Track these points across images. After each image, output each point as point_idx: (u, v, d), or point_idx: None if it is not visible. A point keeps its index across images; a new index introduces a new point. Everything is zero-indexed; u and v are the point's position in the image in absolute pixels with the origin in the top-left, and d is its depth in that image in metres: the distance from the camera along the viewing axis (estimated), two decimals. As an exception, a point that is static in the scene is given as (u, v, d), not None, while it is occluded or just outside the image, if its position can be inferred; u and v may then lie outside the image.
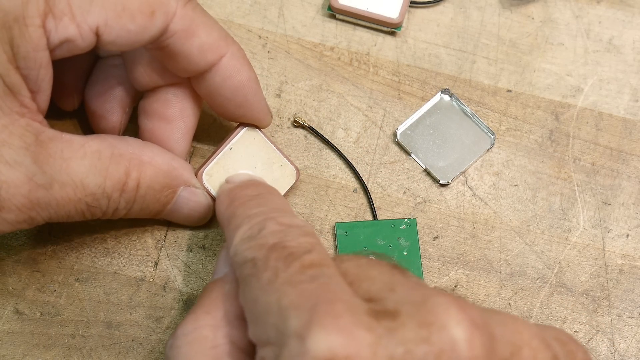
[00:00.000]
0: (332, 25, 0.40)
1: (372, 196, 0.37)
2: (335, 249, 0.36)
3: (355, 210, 0.37)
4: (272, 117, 0.35)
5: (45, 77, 0.29)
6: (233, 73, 0.32)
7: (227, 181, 0.34)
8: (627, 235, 0.37)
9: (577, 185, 0.37)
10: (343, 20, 0.40)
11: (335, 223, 0.36)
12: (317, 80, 0.39)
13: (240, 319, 0.27)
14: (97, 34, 0.29)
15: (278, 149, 0.35)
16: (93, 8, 0.28)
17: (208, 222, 0.36)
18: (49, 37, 0.28)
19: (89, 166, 0.30)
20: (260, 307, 0.24)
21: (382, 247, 0.35)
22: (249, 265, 0.26)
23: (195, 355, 0.26)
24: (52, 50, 0.28)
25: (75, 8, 0.28)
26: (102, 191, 0.30)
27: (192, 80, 0.34)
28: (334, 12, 0.40)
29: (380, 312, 0.23)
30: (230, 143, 0.35)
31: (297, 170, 0.35)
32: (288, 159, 0.35)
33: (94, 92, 0.35)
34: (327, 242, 0.36)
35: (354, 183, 0.37)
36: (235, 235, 0.28)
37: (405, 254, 0.35)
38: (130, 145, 0.32)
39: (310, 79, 0.39)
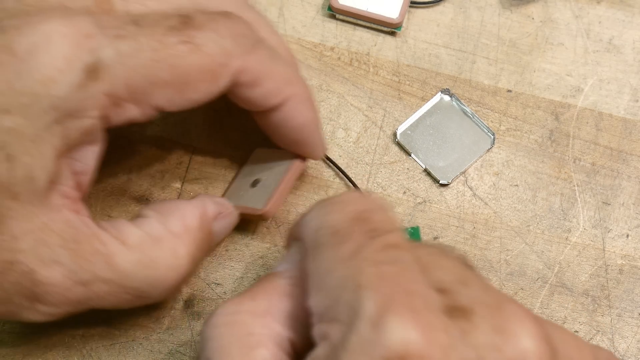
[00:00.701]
0: (332, 25, 0.40)
1: (372, 196, 0.37)
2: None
3: (355, 210, 0.37)
4: (325, 151, 0.35)
5: (95, 156, 0.28)
6: (295, 115, 0.32)
7: None
8: (627, 235, 0.37)
9: (577, 185, 0.37)
10: (343, 20, 0.40)
11: None
12: (317, 80, 0.39)
13: (285, 314, 0.26)
14: (160, 109, 0.28)
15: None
16: (155, 89, 0.27)
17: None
18: (109, 121, 0.27)
19: (135, 262, 0.29)
20: (334, 280, 0.23)
21: None
22: (328, 232, 0.25)
23: (229, 338, 0.25)
24: (107, 129, 0.28)
25: (137, 94, 0.27)
26: (151, 282, 0.29)
27: (252, 112, 0.33)
28: (334, 12, 0.40)
29: (455, 309, 0.23)
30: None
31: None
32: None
33: None
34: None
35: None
36: (314, 208, 0.27)
37: None
38: (168, 220, 0.31)
39: (310, 79, 0.39)
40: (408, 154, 0.38)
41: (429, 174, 0.37)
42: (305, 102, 0.32)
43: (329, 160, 0.37)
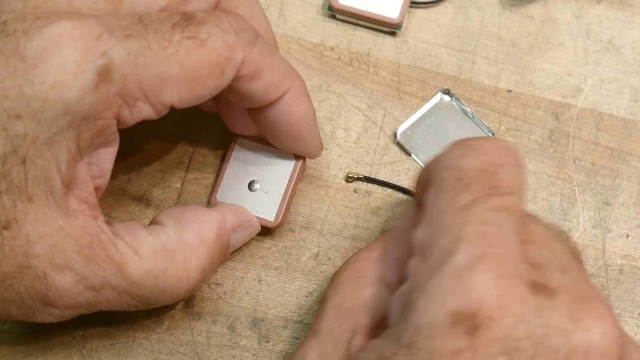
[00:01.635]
0: (332, 26, 0.40)
1: (373, 196, 0.37)
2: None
3: (355, 210, 0.37)
4: (322, 149, 0.35)
5: (111, 159, 0.29)
6: (293, 108, 0.32)
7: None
8: (627, 236, 0.37)
9: (577, 186, 0.37)
10: (343, 21, 0.40)
11: None
12: (317, 80, 0.39)
13: (396, 259, 0.29)
14: (171, 106, 0.29)
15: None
16: (165, 87, 0.28)
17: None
18: (123, 122, 0.28)
19: (146, 272, 0.29)
20: (443, 223, 0.25)
21: None
22: (454, 174, 0.26)
23: (346, 278, 0.29)
24: (120, 128, 0.28)
25: (148, 92, 0.27)
26: (160, 291, 0.30)
27: (249, 110, 0.33)
28: (334, 12, 0.40)
29: (541, 286, 0.23)
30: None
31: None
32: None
33: None
34: (327, 242, 0.36)
35: (355, 184, 0.37)
36: (449, 150, 0.28)
37: None
38: (185, 230, 0.31)
39: (310, 79, 0.39)
40: (408, 154, 0.38)
41: (429, 174, 0.37)
42: (302, 94, 0.32)
43: (370, 180, 0.37)
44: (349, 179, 0.37)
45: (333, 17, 0.40)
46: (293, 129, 0.33)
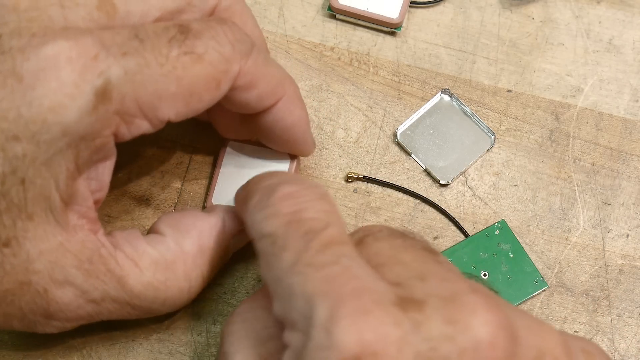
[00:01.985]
0: (332, 25, 0.40)
1: (372, 196, 0.37)
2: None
3: (355, 210, 0.37)
4: (315, 147, 0.35)
5: (109, 172, 0.29)
6: (286, 115, 0.32)
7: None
8: (627, 236, 0.37)
9: (577, 185, 0.37)
10: (343, 20, 0.40)
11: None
12: (317, 80, 0.39)
13: None
14: (168, 121, 0.29)
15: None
16: (163, 104, 0.28)
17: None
18: (120, 138, 0.28)
19: (146, 284, 0.29)
20: (284, 289, 0.24)
21: (487, 259, 0.35)
22: (267, 241, 0.26)
23: (246, 331, 0.27)
24: (117, 143, 0.28)
25: (146, 109, 0.27)
26: (161, 302, 0.30)
27: (243, 115, 0.33)
28: (334, 12, 0.40)
29: (407, 299, 0.23)
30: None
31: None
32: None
33: None
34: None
35: (355, 184, 0.37)
36: (247, 206, 0.27)
37: (512, 256, 0.35)
38: (184, 239, 0.31)
39: (310, 79, 0.39)
40: (408, 154, 0.38)
41: (429, 174, 0.37)
42: (295, 100, 0.32)
43: (371, 180, 0.37)
44: (348, 179, 0.37)
45: (333, 17, 0.40)
46: (287, 133, 0.33)
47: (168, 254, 0.30)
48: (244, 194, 0.29)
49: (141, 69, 0.26)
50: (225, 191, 0.35)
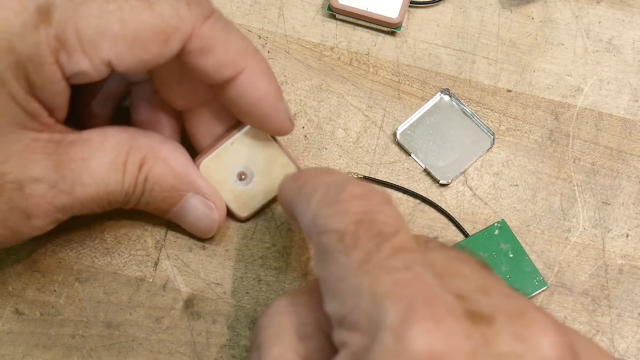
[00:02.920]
0: (332, 25, 0.40)
1: (372, 196, 0.37)
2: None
3: (355, 210, 0.37)
4: (293, 127, 0.34)
5: (62, 99, 0.29)
6: (250, 88, 0.32)
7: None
8: (627, 235, 0.37)
9: (577, 185, 0.37)
10: (343, 20, 0.40)
11: None
12: (317, 80, 0.39)
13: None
14: (110, 66, 0.29)
15: (282, 148, 0.35)
16: (104, 42, 0.28)
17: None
18: (63, 69, 0.28)
19: (109, 164, 0.31)
20: (349, 288, 0.23)
21: (487, 259, 0.35)
22: (333, 237, 0.25)
23: (284, 326, 0.27)
24: (67, 78, 0.29)
25: (86, 43, 0.28)
26: (121, 188, 0.31)
27: (214, 89, 0.33)
28: (334, 12, 0.40)
29: (475, 313, 0.23)
30: (232, 138, 0.34)
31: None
32: (291, 157, 0.35)
33: (138, 121, 0.35)
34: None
35: (354, 183, 0.37)
36: (310, 200, 0.27)
37: (511, 255, 0.35)
38: (150, 139, 0.32)
39: (310, 79, 0.39)
40: (408, 154, 0.38)
41: (428, 174, 0.37)
42: (261, 74, 0.32)
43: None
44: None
45: (333, 17, 0.40)
46: (254, 108, 0.32)
47: (128, 143, 0.32)
48: (300, 186, 0.28)
49: (86, 1, 0.27)
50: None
